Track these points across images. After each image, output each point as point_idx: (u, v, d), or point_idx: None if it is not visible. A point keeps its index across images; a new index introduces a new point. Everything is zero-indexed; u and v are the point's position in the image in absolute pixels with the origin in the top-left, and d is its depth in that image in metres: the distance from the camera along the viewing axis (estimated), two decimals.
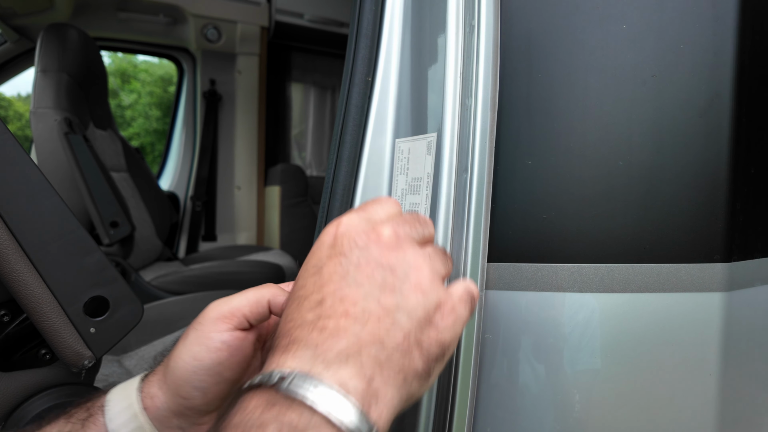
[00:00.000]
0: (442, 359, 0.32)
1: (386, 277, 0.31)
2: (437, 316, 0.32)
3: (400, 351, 0.30)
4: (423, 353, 0.31)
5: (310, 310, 0.30)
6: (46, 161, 1.60)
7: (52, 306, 0.51)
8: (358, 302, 0.30)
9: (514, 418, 0.44)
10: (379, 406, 0.28)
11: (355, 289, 0.31)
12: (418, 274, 0.32)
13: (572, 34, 0.43)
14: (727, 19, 0.42)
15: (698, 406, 0.43)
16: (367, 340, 0.29)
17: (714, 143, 0.42)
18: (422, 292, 0.32)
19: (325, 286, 0.31)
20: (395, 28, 0.53)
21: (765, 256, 0.45)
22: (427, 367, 0.31)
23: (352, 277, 0.31)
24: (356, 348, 0.28)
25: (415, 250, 0.34)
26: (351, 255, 0.32)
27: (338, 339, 0.29)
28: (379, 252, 0.32)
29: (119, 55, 6.23)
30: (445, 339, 0.32)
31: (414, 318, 0.31)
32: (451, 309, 0.33)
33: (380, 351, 0.29)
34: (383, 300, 0.30)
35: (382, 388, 0.28)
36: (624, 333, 0.43)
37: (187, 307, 1.33)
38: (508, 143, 0.44)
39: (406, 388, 0.30)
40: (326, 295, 0.31)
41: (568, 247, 0.43)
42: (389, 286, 0.31)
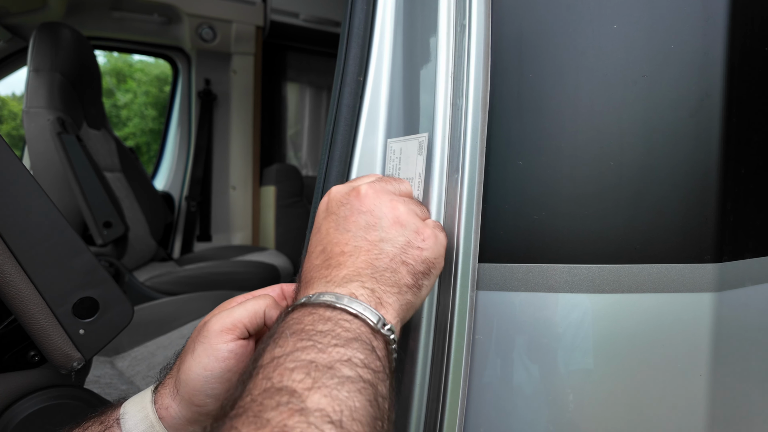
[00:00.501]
0: (428, 274, 0.40)
1: (368, 219, 0.40)
2: (417, 239, 0.40)
3: (389, 270, 0.38)
4: (409, 269, 0.39)
5: (317, 258, 0.40)
6: (39, 161, 1.59)
7: (41, 307, 0.51)
8: (349, 242, 0.39)
9: (507, 419, 0.44)
10: (384, 306, 0.36)
11: (345, 234, 0.40)
12: (395, 212, 0.40)
13: (563, 34, 0.43)
14: (717, 20, 0.42)
15: (689, 405, 0.43)
16: (361, 266, 0.37)
17: (704, 143, 0.42)
18: (400, 224, 0.40)
19: (324, 239, 0.41)
20: (387, 28, 0.53)
21: (755, 256, 0.45)
22: (416, 281, 0.39)
23: (342, 227, 0.40)
24: (356, 272, 0.37)
25: (390, 196, 0.41)
26: (338, 211, 0.41)
27: (341, 269, 0.38)
28: (359, 203, 0.41)
29: (115, 54, 6.20)
30: (428, 257, 0.39)
31: (397, 245, 0.39)
32: (430, 233, 0.40)
33: (374, 272, 0.37)
34: (368, 236, 0.39)
35: (383, 296, 0.36)
36: (615, 333, 0.42)
37: (181, 307, 1.33)
38: (499, 143, 0.44)
39: (403, 297, 0.38)
40: (326, 245, 0.40)
41: (560, 248, 0.43)
42: (371, 225, 0.40)
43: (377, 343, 0.34)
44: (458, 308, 0.43)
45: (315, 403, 0.27)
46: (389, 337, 0.35)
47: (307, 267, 0.40)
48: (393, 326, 0.35)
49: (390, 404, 0.33)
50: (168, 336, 1.18)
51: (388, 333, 0.35)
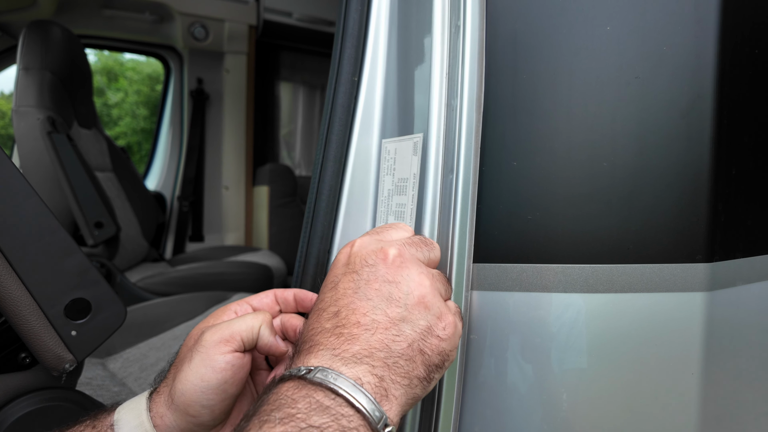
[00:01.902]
0: (441, 367, 0.37)
1: (392, 291, 0.36)
2: (439, 326, 0.36)
3: (404, 357, 0.34)
4: (425, 361, 0.35)
5: (328, 320, 0.36)
6: (29, 161, 1.57)
7: (32, 308, 0.50)
8: (368, 313, 0.35)
9: (501, 418, 0.44)
10: (389, 400, 0.33)
11: (365, 301, 0.36)
12: (421, 290, 0.37)
13: (557, 36, 0.43)
14: (708, 22, 0.42)
15: (681, 404, 0.44)
16: (376, 346, 0.34)
17: (696, 145, 0.43)
18: (425, 306, 0.36)
19: (340, 299, 0.37)
20: (381, 28, 0.53)
21: (746, 255, 0.46)
22: (428, 374, 0.35)
23: (362, 292, 0.36)
24: (368, 352, 0.33)
25: (419, 268, 0.38)
26: (362, 272, 0.37)
27: (352, 344, 0.34)
28: (385, 269, 0.37)
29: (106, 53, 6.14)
30: (445, 349, 0.36)
31: (417, 329, 0.35)
32: (452, 322, 0.37)
33: (388, 356, 0.34)
34: (389, 312, 0.35)
35: (390, 387, 0.33)
36: (608, 332, 0.43)
37: (173, 308, 1.32)
38: (494, 144, 0.44)
39: (411, 390, 0.34)
40: (341, 307, 0.36)
41: (553, 248, 0.43)
42: (395, 299, 0.36)
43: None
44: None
45: None
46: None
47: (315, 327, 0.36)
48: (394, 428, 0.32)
49: None
50: (160, 337, 1.17)
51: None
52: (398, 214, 0.48)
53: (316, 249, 0.53)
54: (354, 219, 0.52)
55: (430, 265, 0.40)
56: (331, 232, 0.52)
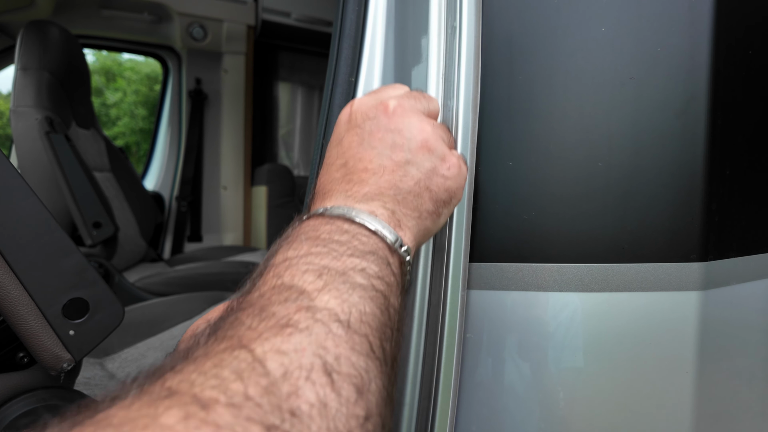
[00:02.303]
0: (449, 203, 0.39)
1: (395, 138, 0.38)
2: (443, 167, 0.38)
3: (412, 194, 0.37)
4: (432, 196, 0.38)
5: (337, 171, 0.38)
6: (27, 161, 1.57)
7: (30, 308, 0.50)
8: (374, 159, 0.37)
9: (498, 417, 0.44)
10: (403, 229, 0.35)
11: (370, 150, 0.38)
12: (423, 134, 0.38)
13: (553, 37, 0.44)
14: (702, 24, 0.43)
15: (675, 402, 0.44)
16: (384, 186, 0.36)
17: (690, 145, 0.43)
18: (428, 149, 0.38)
19: (346, 152, 0.38)
20: (378, 29, 0.53)
21: (740, 255, 0.46)
22: (436, 208, 0.38)
23: (366, 142, 0.38)
24: (378, 191, 0.36)
25: (420, 117, 0.39)
26: (364, 125, 0.39)
27: (362, 186, 0.36)
28: (387, 120, 0.38)
29: (104, 53, 6.13)
30: (450, 186, 0.39)
31: (422, 169, 0.37)
32: (456, 163, 0.39)
33: (397, 193, 0.36)
34: (394, 156, 0.37)
35: (402, 218, 0.36)
36: (604, 331, 0.43)
37: (171, 308, 1.32)
38: (490, 144, 0.44)
39: (422, 222, 0.37)
40: (348, 158, 0.38)
41: (549, 247, 0.43)
42: (398, 145, 0.37)
43: (393, 260, 0.33)
44: (449, 307, 0.43)
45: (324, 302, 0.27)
46: (405, 258, 0.34)
47: (326, 179, 0.39)
48: (409, 248, 0.35)
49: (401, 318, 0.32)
50: (159, 337, 1.17)
51: (404, 254, 0.34)
52: None
53: None
54: None
55: (430, 116, 0.41)
56: None
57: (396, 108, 0.39)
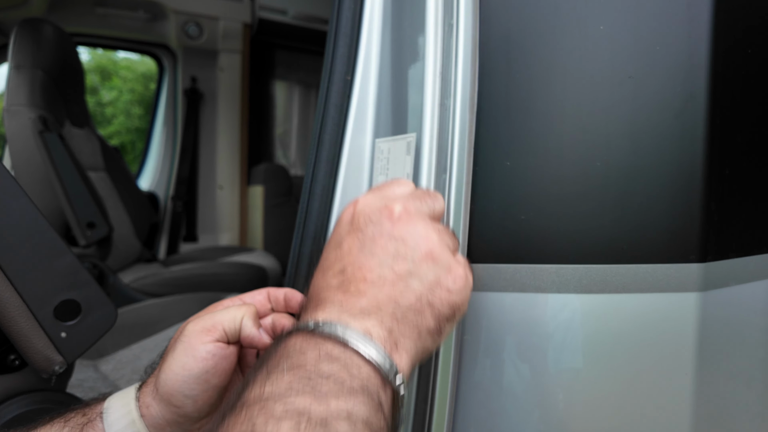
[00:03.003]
0: (452, 319, 0.36)
1: (398, 247, 0.36)
2: (448, 280, 0.36)
3: (413, 310, 0.34)
4: (434, 312, 0.35)
5: (334, 277, 0.36)
6: (20, 160, 1.56)
7: (21, 310, 0.50)
8: (374, 269, 0.35)
9: (497, 419, 0.44)
10: (399, 352, 0.33)
11: (371, 258, 0.35)
12: (428, 243, 0.36)
13: (551, 35, 0.43)
14: (701, 22, 0.42)
15: (675, 404, 0.44)
16: (384, 300, 0.34)
17: (689, 144, 0.43)
18: (432, 260, 0.36)
19: (345, 257, 0.36)
20: (375, 27, 0.53)
21: (739, 256, 0.46)
22: (438, 325, 0.35)
23: (368, 249, 0.36)
24: (376, 306, 0.33)
25: (425, 223, 0.37)
26: (366, 230, 0.37)
27: (359, 298, 0.34)
28: (391, 226, 0.36)
29: (99, 51, 6.09)
30: (455, 301, 0.36)
31: (425, 282, 0.35)
32: (462, 273, 0.37)
33: (396, 309, 0.34)
34: (396, 267, 0.35)
35: (400, 339, 0.33)
36: (603, 333, 0.43)
37: (166, 309, 1.31)
38: (487, 144, 0.44)
39: (421, 342, 0.34)
40: (347, 264, 0.36)
41: (547, 248, 0.43)
42: (401, 255, 0.35)
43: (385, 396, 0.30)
44: None
45: None
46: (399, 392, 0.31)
47: (321, 284, 0.36)
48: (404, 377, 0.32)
49: None
50: (153, 339, 1.16)
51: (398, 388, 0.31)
52: None
53: (309, 249, 0.52)
54: None
55: (435, 217, 0.40)
56: (324, 232, 0.52)
57: (401, 214, 0.37)
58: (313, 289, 0.37)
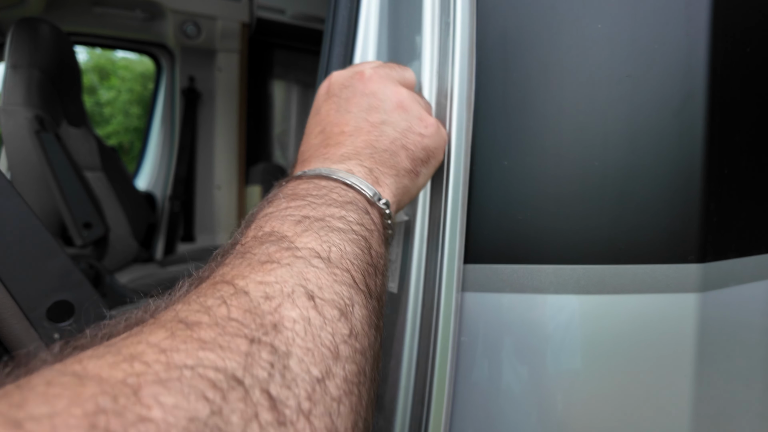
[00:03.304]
0: (427, 162, 0.39)
1: (371, 101, 0.39)
2: (420, 126, 0.39)
3: (389, 152, 0.37)
4: (409, 154, 0.38)
5: (315, 138, 0.39)
6: (16, 160, 1.55)
7: (13, 311, 0.49)
8: (350, 122, 0.38)
9: (495, 421, 0.43)
10: (381, 186, 0.36)
11: (346, 115, 0.39)
12: (399, 96, 0.39)
13: (548, 34, 0.43)
14: (699, 20, 0.42)
15: (674, 405, 0.43)
16: (361, 146, 0.37)
17: (688, 144, 0.42)
18: (403, 109, 0.39)
19: (323, 120, 0.40)
20: (371, 25, 0.52)
21: (739, 256, 0.46)
22: (414, 167, 0.38)
23: (343, 108, 0.39)
24: (354, 151, 0.37)
25: (395, 84, 0.40)
26: (340, 93, 0.40)
27: (339, 148, 0.37)
28: (362, 85, 0.40)
29: (97, 51, 6.08)
30: (428, 144, 0.39)
31: (398, 128, 0.38)
32: (433, 122, 0.40)
33: (373, 152, 0.37)
34: (370, 118, 0.38)
35: (380, 176, 0.36)
36: (602, 334, 0.42)
37: None
38: (484, 143, 0.43)
39: (400, 180, 0.37)
40: (325, 125, 0.39)
41: (544, 248, 0.42)
42: (374, 107, 0.39)
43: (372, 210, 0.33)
44: (443, 310, 0.42)
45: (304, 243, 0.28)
46: (385, 210, 0.35)
47: (305, 147, 0.40)
48: (389, 202, 0.35)
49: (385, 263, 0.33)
50: None
51: (383, 207, 0.35)
52: None
53: None
54: None
55: (405, 84, 0.42)
56: None
57: (371, 74, 0.40)
58: (299, 154, 0.40)
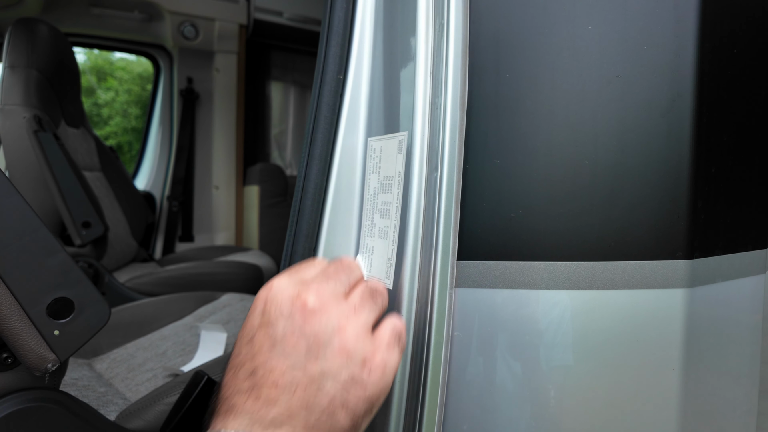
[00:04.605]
0: (370, 413, 0.36)
1: (311, 345, 0.34)
2: (364, 373, 0.35)
3: (326, 414, 0.33)
4: (349, 412, 0.34)
5: (245, 380, 0.34)
6: (15, 160, 1.56)
7: (13, 308, 0.50)
8: (286, 373, 0.34)
9: (489, 416, 0.44)
10: None
11: (282, 359, 0.34)
12: (342, 337, 0.35)
13: (539, 35, 0.44)
14: (688, 21, 0.43)
15: (662, 400, 0.44)
16: (296, 407, 0.33)
17: (676, 143, 0.43)
18: (346, 354, 0.35)
19: (256, 356, 0.35)
20: (367, 26, 0.53)
21: (725, 253, 0.46)
22: (353, 424, 0.34)
23: (279, 348, 0.34)
24: (287, 415, 0.33)
25: (339, 308, 0.36)
26: (277, 325, 0.35)
27: (270, 407, 0.33)
28: (302, 320, 0.35)
29: (95, 52, 6.07)
30: (372, 395, 0.35)
31: (339, 381, 0.34)
32: (379, 362, 0.36)
33: (309, 415, 0.33)
34: (308, 368, 0.34)
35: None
36: (592, 329, 0.43)
37: (161, 308, 1.31)
38: (477, 142, 0.44)
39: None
40: (257, 365, 0.34)
41: (536, 245, 0.43)
42: (313, 353, 0.34)
43: None
44: (437, 305, 0.43)
45: None
46: None
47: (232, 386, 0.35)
48: None
49: None
50: (148, 337, 1.16)
51: None
52: (384, 212, 0.48)
53: (302, 247, 0.52)
54: (340, 217, 0.52)
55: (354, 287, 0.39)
56: (317, 230, 0.52)
57: (314, 305, 0.35)
58: (224, 389, 0.35)
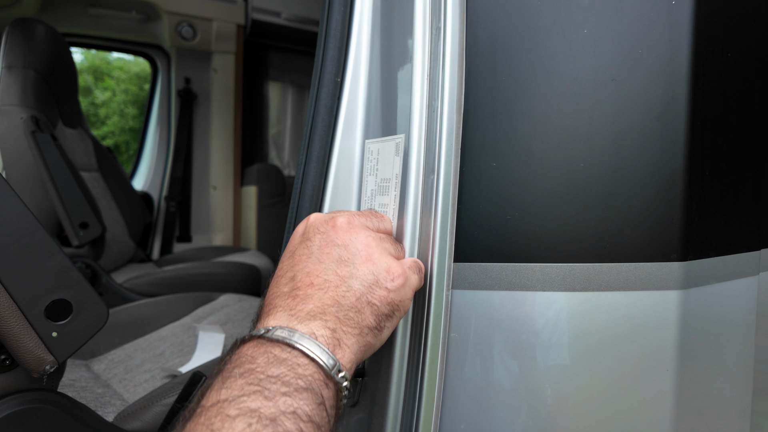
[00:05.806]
0: (392, 317, 0.40)
1: (341, 253, 0.40)
2: (387, 279, 0.39)
3: (354, 310, 0.38)
4: (374, 311, 0.38)
5: (285, 284, 0.40)
6: (12, 161, 1.55)
7: (11, 310, 0.50)
8: (320, 275, 0.39)
9: (487, 415, 0.44)
10: (342, 349, 0.36)
11: (317, 264, 0.40)
12: (368, 249, 0.40)
13: (535, 38, 0.44)
14: (682, 26, 0.43)
15: (656, 399, 0.44)
16: (328, 303, 0.37)
17: (671, 146, 0.44)
18: (371, 262, 0.40)
19: (296, 265, 0.40)
20: (364, 29, 0.53)
21: (719, 255, 0.47)
22: (378, 323, 0.39)
23: (315, 256, 0.40)
24: (321, 309, 0.37)
25: (367, 232, 0.42)
26: (314, 239, 0.41)
27: (306, 303, 0.37)
28: (335, 234, 0.41)
29: (93, 51, 6.05)
30: (393, 300, 0.39)
31: (365, 283, 0.39)
32: (401, 273, 0.40)
33: (339, 310, 0.37)
34: (339, 271, 0.39)
35: (343, 337, 0.37)
36: (587, 330, 0.44)
37: (159, 309, 1.30)
38: (474, 145, 0.45)
39: (363, 338, 0.38)
40: (297, 272, 0.40)
41: (532, 247, 0.43)
42: (344, 259, 0.40)
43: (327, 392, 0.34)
44: (434, 307, 0.44)
45: None
46: (341, 384, 0.35)
47: (274, 291, 0.40)
48: (347, 373, 0.36)
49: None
50: (146, 338, 1.16)
51: (341, 380, 0.35)
52: None
53: None
54: None
55: (380, 232, 0.44)
56: None
57: (343, 223, 0.41)
58: (267, 296, 0.41)
